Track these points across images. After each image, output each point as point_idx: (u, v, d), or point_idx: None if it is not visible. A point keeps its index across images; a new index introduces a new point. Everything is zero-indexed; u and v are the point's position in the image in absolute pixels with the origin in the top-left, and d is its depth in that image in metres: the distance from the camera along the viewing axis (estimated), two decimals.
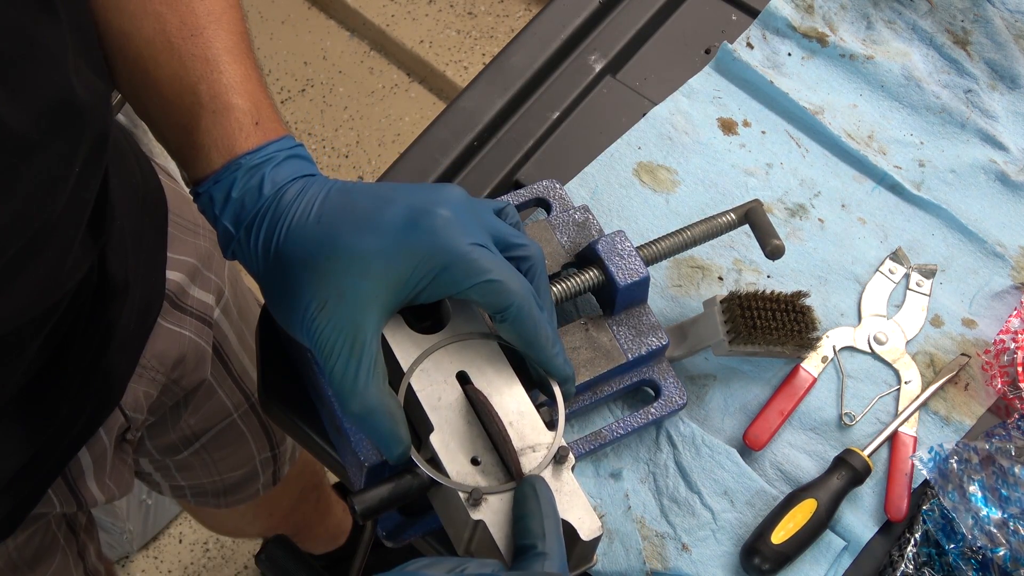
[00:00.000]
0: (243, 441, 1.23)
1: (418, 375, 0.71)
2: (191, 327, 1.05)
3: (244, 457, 1.25)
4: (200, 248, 1.06)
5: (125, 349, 0.94)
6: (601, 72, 1.05)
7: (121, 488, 1.03)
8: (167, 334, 1.01)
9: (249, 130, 0.73)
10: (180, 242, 1.04)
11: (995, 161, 1.01)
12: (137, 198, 0.95)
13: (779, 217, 0.98)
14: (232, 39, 0.76)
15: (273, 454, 1.29)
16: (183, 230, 1.04)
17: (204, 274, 1.07)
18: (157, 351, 1.00)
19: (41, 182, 0.65)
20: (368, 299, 0.67)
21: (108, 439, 0.98)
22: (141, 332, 0.97)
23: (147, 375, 1.00)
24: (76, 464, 0.96)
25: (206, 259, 1.07)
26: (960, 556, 0.84)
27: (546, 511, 0.65)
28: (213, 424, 1.17)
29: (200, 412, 1.13)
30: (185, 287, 1.04)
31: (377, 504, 0.68)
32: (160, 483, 1.26)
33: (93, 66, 0.72)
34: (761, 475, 0.88)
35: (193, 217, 1.07)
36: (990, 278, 0.97)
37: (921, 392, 0.91)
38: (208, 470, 1.23)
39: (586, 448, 0.85)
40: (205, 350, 1.08)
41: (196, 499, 1.30)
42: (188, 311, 1.04)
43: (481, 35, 2.37)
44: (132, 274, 0.91)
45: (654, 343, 0.85)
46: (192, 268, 1.05)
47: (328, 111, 2.33)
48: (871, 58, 1.05)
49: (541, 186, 0.93)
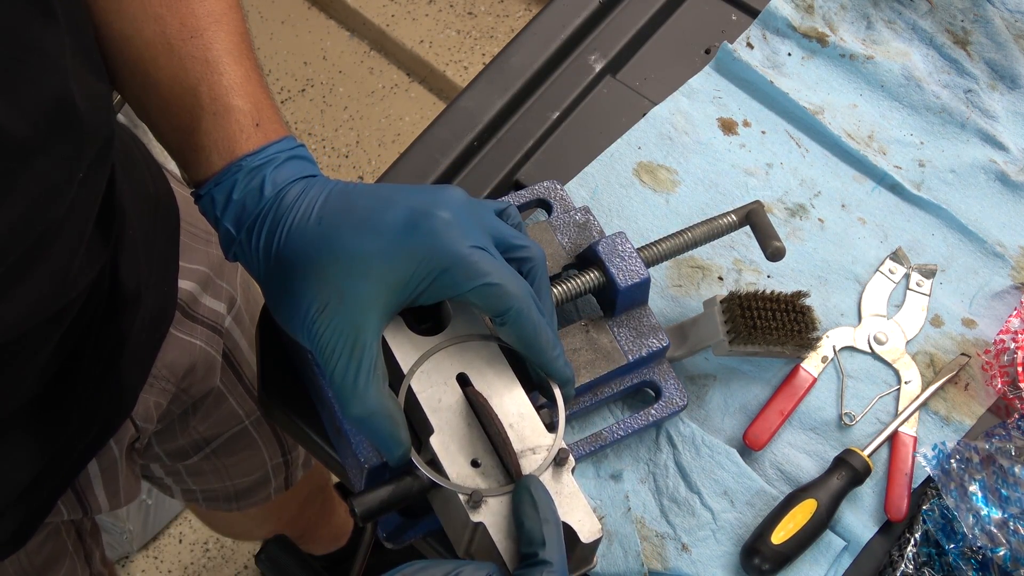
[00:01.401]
0: (255, 448, 1.22)
1: (418, 377, 0.71)
2: (201, 336, 1.04)
3: (256, 463, 1.25)
4: (212, 256, 1.06)
5: (137, 359, 0.94)
6: (601, 72, 1.05)
7: (128, 496, 1.03)
8: (178, 343, 1.01)
9: (250, 132, 0.73)
10: (192, 251, 1.03)
11: (995, 161, 1.01)
12: (149, 207, 0.95)
13: (779, 217, 0.98)
14: (233, 40, 0.76)
15: (285, 460, 1.28)
16: (195, 238, 1.04)
17: (216, 282, 1.07)
18: (168, 361, 0.99)
19: (42, 187, 0.65)
20: (368, 301, 0.67)
21: (118, 449, 0.98)
22: (153, 342, 0.97)
23: (158, 385, 0.99)
24: (84, 473, 0.96)
25: (218, 267, 1.07)
26: (960, 556, 0.84)
27: (545, 515, 0.65)
28: (223, 431, 1.16)
29: (209, 419, 1.13)
30: (197, 296, 1.03)
31: (377, 506, 0.68)
32: (172, 487, 1.26)
33: (92, 69, 0.72)
34: (761, 475, 0.88)
35: (205, 225, 1.06)
36: (990, 278, 0.97)
37: (921, 392, 0.91)
38: (220, 475, 1.23)
39: (586, 450, 0.85)
40: (215, 359, 1.07)
41: (208, 503, 1.30)
42: (199, 320, 1.04)
43: (481, 35, 2.37)
44: (144, 283, 0.90)
45: (655, 344, 0.85)
46: (204, 276, 1.04)
47: (328, 111, 2.33)
48: (871, 58, 1.05)
49: (542, 187, 0.93)
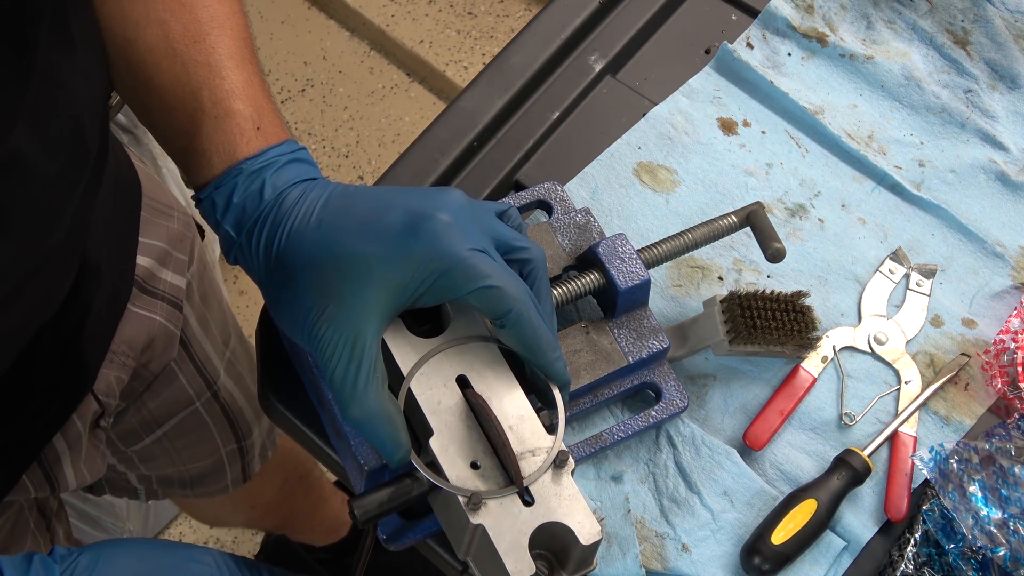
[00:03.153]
0: (206, 431, 1.22)
1: (418, 379, 0.71)
2: (161, 311, 1.04)
3: (209, 448, 1.24)
4: (172, 231, 1.06)
5: (95, 335, 0.94)
6: (601, 72, 1.05)
7: (93, 473, 1.03)
8: (136, 319, 1.01)
9: (250, 135, 0.73)
10: (152, 225, 1.03)
11: (995, 161, 1.01)
12: (109, 182, 0.95)
13: (779, 217, 0.98)
14: (235, 44, 0.76)
15: (240, 447, 1.28)
16: (156, 213, 1.04)
17: (176, 256, 1.07)
18: (126, 336, 1.00)
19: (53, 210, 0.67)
20: (368, 304, 0.68)
21: (82, 424, 0.98)
22: (111, 318, 0.97)
23: (117, 360, 1.00)
24: (52, 450, 0.96)
25: (177, 241, 1.07)
26: (960, 556, 0.84)
27: None
28: (174, 412, 1.16)
29: (160, 396, 1.12)
30: (154, 272, 1.03)
31: (377, 508, 0.68)
32: (126, 473, 1.25)
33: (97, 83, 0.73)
34: (761, 475, 0.88)
35: (166, 199, 1.06)
36: (990, 278, 0.97)
37: (921, 392, 0.91)
38: (171, 459, 1.22)
39: (587, 451, 0.85)
40: (174, 334, 1.07)
41: (163, 489, 1.29)
42: (159, 295, 1.04)
43: (481, 35, 2.37)
44: (104, 259, 0.91)
45: (655, 346, 0.85)
46: (162, 252, 1.04)
47: (328, 111, 2.33)
48: (871, 58, 1.05)
49: (542, 188, 0.93)
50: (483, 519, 0.66)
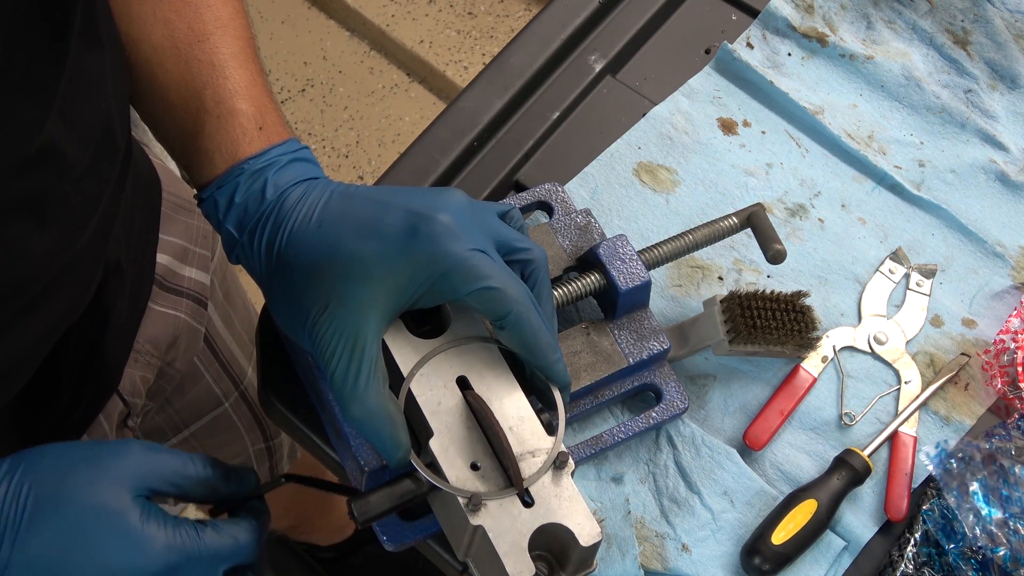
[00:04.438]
0: (234, 430, 1.22)
1: (418, 380, 0.71)
2: (185, 309, 1.04)
3: (237, 448, 1.24)
4: (192, 227, 1.06)
5: (119, 334, 0.94)
6: (601, 72, 1.05)
7: None
8: (159, 317, 1.01)
9: (253, 135, 0.74)
10: (172, 222, 1.03)
11: (995, 161, 1.01)
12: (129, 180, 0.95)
13: (779, 217, 0.98)
14: (238, 45, 0.77)
15: (268, 447, 1.28)
16: (176, 208, 1.04)
17: (198, 252, 1.06)
18: (150, 335, 0.99)
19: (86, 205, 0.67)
20: (369, 304, 0.68)
21: (109, 425, 0.98)
22: (133, 316, 0.97)
23: (142, 359, 1.00)
24: None
25: (199, 237, 1.07)
26: (960, 556, 0.84)
27: None
28: (202, 412, 1.16)
29: (187, 396, 1.12)
30: (175, 269, 1.03)
31: (376, 509, 0.68)
32: None
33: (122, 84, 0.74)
34: (761, 475, 0.88)
35: (187, 195, 1.06)
36: (990, 278, 0.97)
37: (921, 392, 0.91)
38: None
39: (587, 452, 0.85)
40: (198, 331, 1.07)
41: None
42: (183, 292, 1.04)
43: (481, 35, 2.37)
44: (125, 257, 0.91)
45: (655, 347, 0.85)
46: (181, 249, 1.04)
47: (328, 111, 2.33)
48: (871, 58, 1.05)
49: (543, 189, 0.93)
50: (483, 520, 0.66)
